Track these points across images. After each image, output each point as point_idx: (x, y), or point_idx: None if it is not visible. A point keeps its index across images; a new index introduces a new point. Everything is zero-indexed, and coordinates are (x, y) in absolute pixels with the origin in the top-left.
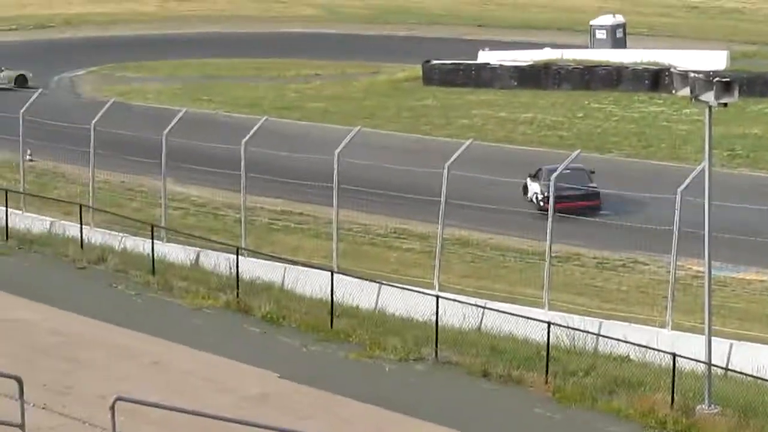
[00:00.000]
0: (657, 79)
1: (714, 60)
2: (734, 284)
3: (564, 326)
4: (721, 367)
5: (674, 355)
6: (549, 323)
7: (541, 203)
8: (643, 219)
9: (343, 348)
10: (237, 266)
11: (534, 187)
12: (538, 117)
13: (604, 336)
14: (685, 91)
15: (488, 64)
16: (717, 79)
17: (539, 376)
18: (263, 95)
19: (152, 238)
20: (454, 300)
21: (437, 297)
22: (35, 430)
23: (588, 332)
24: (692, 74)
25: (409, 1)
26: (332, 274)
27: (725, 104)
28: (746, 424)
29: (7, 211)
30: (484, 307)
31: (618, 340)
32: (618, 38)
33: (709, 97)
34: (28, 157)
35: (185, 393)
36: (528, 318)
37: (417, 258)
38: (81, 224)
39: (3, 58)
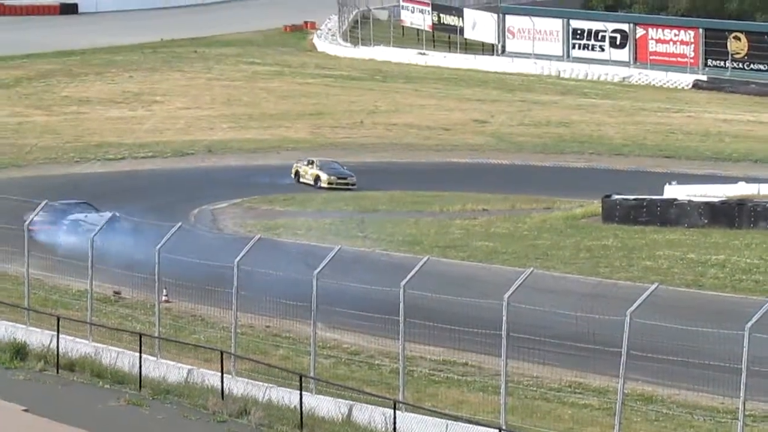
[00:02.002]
0: None
1: None
2: None
3: None
4: None
5: None
6: None
7: None
8: None
9: None
10: (394, 422)
11: None
12: (732, 259)
13: None
14: None
15: (675, 199)
16: None
17: None
18: (424, 232)
19: (300, 390)
20: None
21: None
22: None
23: None
24: None
25: (587, 129)
26: None
27: None
28: None
29: (141, 357)
30: None
31: None
32: None
33: None
34: (163, 297)
35: None
36: None
37: (594, 415)
38: (222, 373)
39: (139, 189)
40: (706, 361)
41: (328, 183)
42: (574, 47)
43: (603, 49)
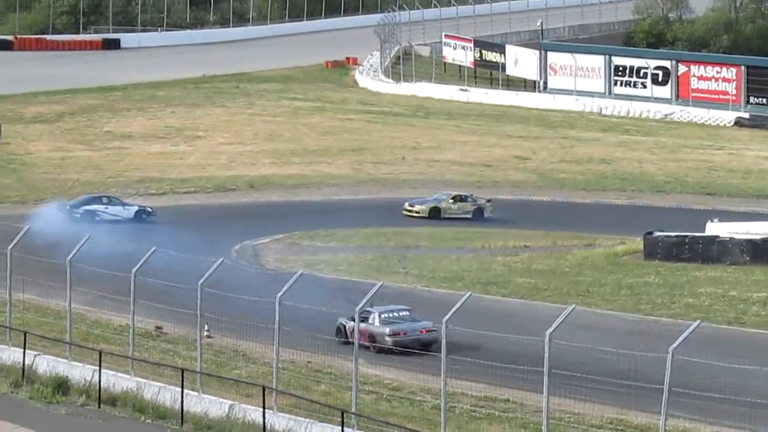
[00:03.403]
0: None
1: None
2: None
3: None
4: None
5: None
6: None
7: None
8: None
9: None
10: None
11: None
12: None
13: None
14: None
15: (717, 237)
16: None
17: None
18: (466, 268)
19: (342, 425)
20: None
21: None
22: None
23: None
24: None
25: (629, 167)
26: None
27: None
28: None
29: (182, 392)
30: None
31: None
32: None
33: None
34: (205, 332)
35: None
36: None
37: None
38: (264, 408)
39: (178, 224)
40: (748, 399)
41: (402, 209)
42: (616, 84)
43: (645, 86)
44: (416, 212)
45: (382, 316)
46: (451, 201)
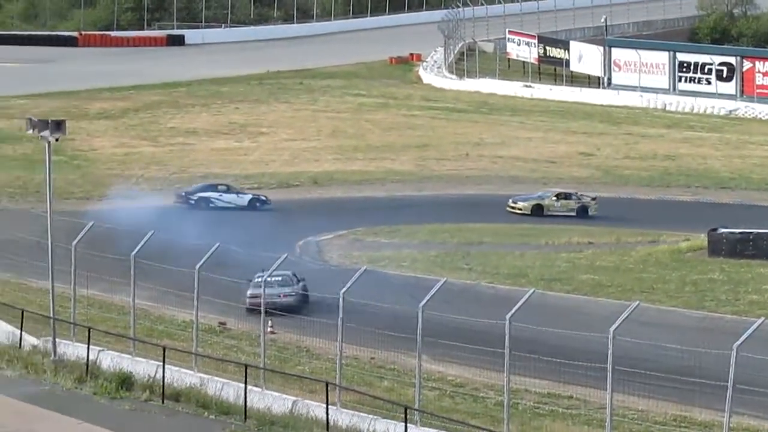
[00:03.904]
0: None
1: None
2: None
3: None
4: None
5: None
6: None
7: None
8: None
9: None
10: None
11: None
12: None
13: None
14: None
15: None
16: None
17: None
18: (530, 264)
19: (405, 422)
20: None
21: None
22: None
23: None
24: None
25: (693, 163)
26: None
27: None
28: None
29: (246, 388)
30: None
31: None
32: None
33: None
34: (269, 328)
35: None
36: None
37: None
38: (327, 404)
39: (244, 218)
40: None
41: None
42: (680, 80)
43: (709, 82)
44: (519, 209)
45: (256, 280)
46: (554, 198)
